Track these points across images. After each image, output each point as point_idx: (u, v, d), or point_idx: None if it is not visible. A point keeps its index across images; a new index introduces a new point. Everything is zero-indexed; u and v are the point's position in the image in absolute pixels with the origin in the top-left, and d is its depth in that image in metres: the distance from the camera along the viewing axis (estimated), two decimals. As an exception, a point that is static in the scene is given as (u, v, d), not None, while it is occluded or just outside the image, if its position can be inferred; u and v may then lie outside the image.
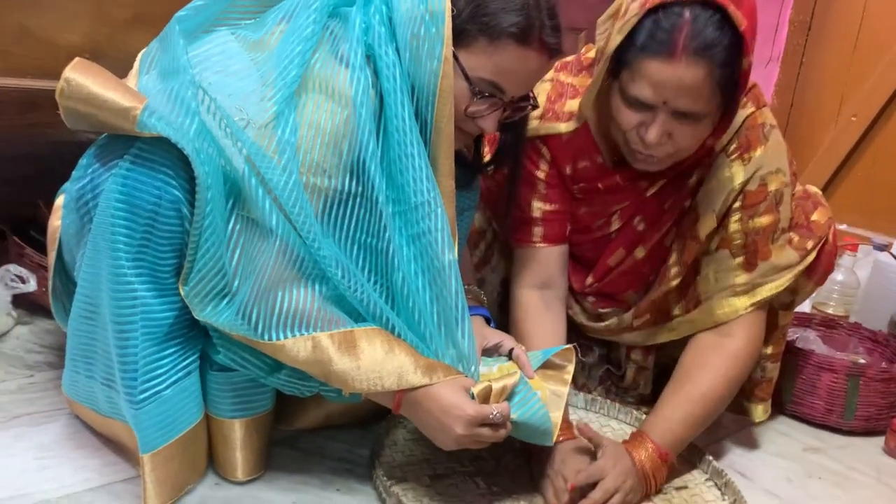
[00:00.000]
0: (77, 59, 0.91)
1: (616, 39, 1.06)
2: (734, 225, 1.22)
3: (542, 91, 1.24)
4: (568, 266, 1.36)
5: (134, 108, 0.86)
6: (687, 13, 1.02)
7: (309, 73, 0.95)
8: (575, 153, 1.25)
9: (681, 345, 1.32)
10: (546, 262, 1.29)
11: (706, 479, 1.21)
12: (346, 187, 0.96)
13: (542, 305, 1.28)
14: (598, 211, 1.30)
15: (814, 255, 1.26)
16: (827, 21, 2.39)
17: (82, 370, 1.02)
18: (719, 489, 1.19)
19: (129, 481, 1.01)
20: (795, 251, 1.25)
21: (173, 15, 1.02)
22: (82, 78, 0.89)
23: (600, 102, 1.18)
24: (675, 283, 1.29)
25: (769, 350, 1.33)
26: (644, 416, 1.32)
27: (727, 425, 1.44)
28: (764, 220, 1.21)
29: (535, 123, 1.25)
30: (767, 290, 1.23)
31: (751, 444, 1.39)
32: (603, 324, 1.38)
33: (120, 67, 0.98)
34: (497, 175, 1.29)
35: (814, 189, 1.36)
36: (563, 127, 1.24)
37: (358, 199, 0.97)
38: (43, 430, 1.10)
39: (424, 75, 0.96)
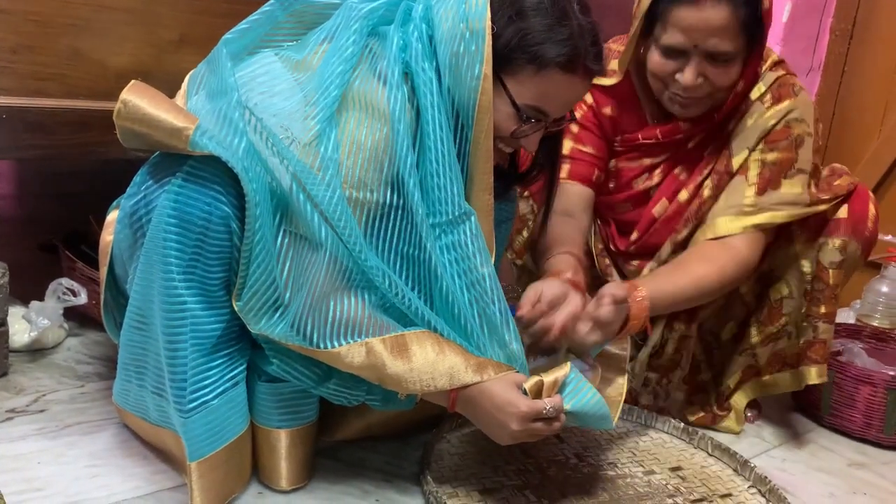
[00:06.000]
0: (133, 81, 0.94)
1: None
2: (754, 154, 1.31)
3: None
4: (611, 231, 1.43)
5: (186, 128, 0.89)
6: None
7: (349, 91, 0.97)
8: (619, 101, 1.37)
9: (722, 318, 1.41)
10: (568, 195, 1.34)
11: (749, 487, 1.20)
12: (387, 200, 0.98)
13: (562, 220, 1.31)
14: (637, 166, 1.38)
15: (824, 206, 1.32)
16: (869, 29, 2.34)
17: (134, 379, 1.04)
18: (763, 496, 1.18)
19: (176, 489, 1.03)
20: (807, 193, 1.31)
21: (216, 35, 1.04)
22: (138, 99, 0.91)
23: (639, 63, 1.31)
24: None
25: (822, 309, 1.33)
26: (682, 424, 1.34)
27: (768, 439, 1.42)
28: (781, 155, 1.30)
29: None
30: (768, 217, 1.29)
31: (793, 458, 1.37)
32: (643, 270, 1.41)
33: (167, 87, 1.00)
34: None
35: (839, 165, 1.43)
36: (606, 81, 1.35)
37: (399, 212, 0.99)
38: (94, 440, 1.13)
39: (465, 92, 0.97)
